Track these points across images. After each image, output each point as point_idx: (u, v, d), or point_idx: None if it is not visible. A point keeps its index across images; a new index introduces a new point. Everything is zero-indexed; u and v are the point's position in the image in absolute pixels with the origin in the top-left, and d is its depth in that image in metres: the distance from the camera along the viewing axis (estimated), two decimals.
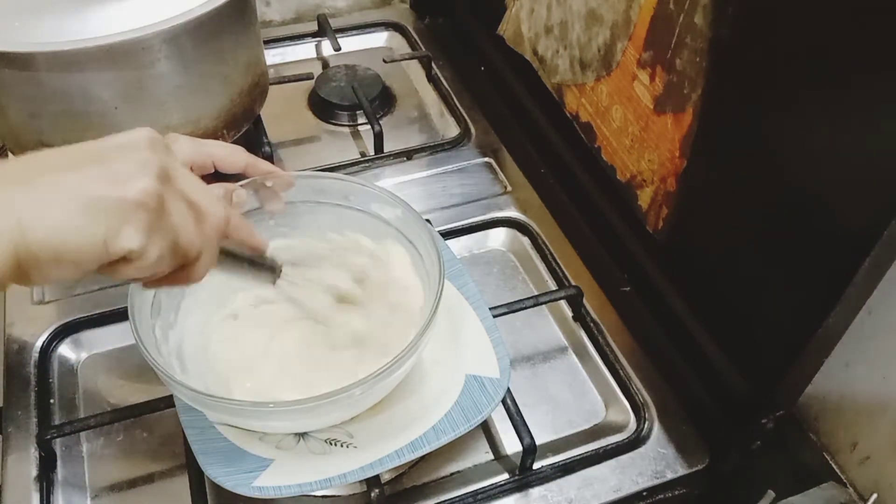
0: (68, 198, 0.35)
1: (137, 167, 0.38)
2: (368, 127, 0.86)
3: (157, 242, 0.39)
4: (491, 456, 0.61)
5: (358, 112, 0.91)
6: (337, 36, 0.98)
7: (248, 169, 0.55)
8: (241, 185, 0.55)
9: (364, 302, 0.59)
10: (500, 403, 0.57)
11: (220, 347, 0.57)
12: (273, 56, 0.98)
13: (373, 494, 0.55)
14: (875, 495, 0.54)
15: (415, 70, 0.99)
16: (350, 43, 1.02)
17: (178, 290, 0.58)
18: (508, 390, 0.58)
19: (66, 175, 0.36)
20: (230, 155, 0.54)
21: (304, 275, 0.57)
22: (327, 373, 0.55)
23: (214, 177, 0.54)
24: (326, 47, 1.00)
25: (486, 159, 0.86)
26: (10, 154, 0.77)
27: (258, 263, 0.51)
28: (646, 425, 0.63)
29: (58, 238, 0.35)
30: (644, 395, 0.65)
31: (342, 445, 0.53)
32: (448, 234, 0.76)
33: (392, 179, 0.83)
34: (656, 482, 0.60)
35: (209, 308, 0.60)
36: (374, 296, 0.59)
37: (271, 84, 0.82)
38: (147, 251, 0.38)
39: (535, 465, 0.60)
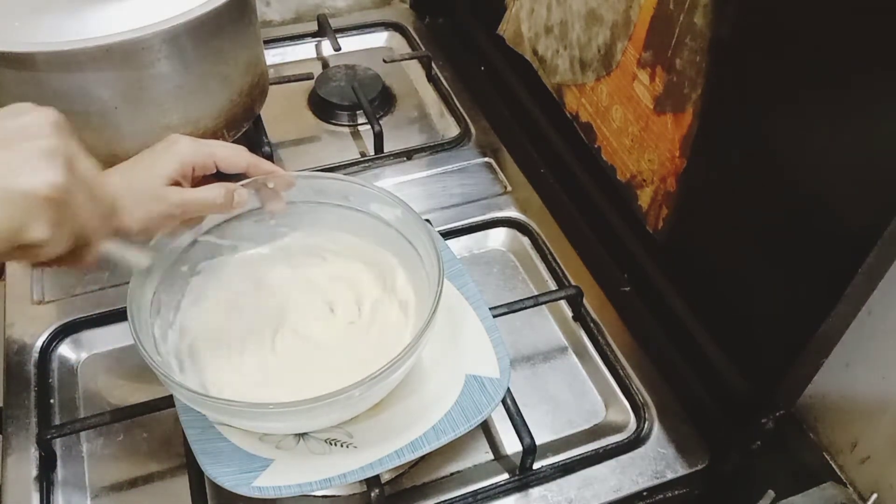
0: None
1: (44, 157, 0.38)
2: (368, 127, 0.86)
3: (64, 232, 0.39)
4: (491, 456, 0.61)
5: (358, 112, 0.91)
6: (337, 36, 0.98)
7: (250, 169, 0.55)
8: (242, 185, 0.55)
9: (362, 303, 0.59)
10: (500, 403, 0.57)
11: (217, 347, 0.57)
12: (273, 56, 0.98)
13: (373, 494, 0.55)
14: (875, 495, 0.54)
15: (415, 70, 0.99)
16: (350, 43, 1.02)
17: (177, 290, 0.58)
18: (508, 390, 0.58)
19: None
20: (232, 155, 0.54)
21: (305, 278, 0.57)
22: (323, 374, 0.55)
23: (216, 176, 0.55)
24: (326, 47, 1.00)
25: (486, 159, 0.86)
26: None
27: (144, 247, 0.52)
28: (646, 425, 0.63)
29: None
30: (644, 395, 0.65)
31: (342, 445, 0.53)
32: (448, 234, 0.76)
33: (392, 179, 0.83)
34: (656, 482, 0.60)
35: (210, 307, 0.60)
36: (372, 298, 0.59)
37: (271, 84, 0.82)
38: (52, 241, 0.39)
39: (535, 465, 0.60)
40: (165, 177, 0.52)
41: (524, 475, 0.59)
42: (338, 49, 0.97)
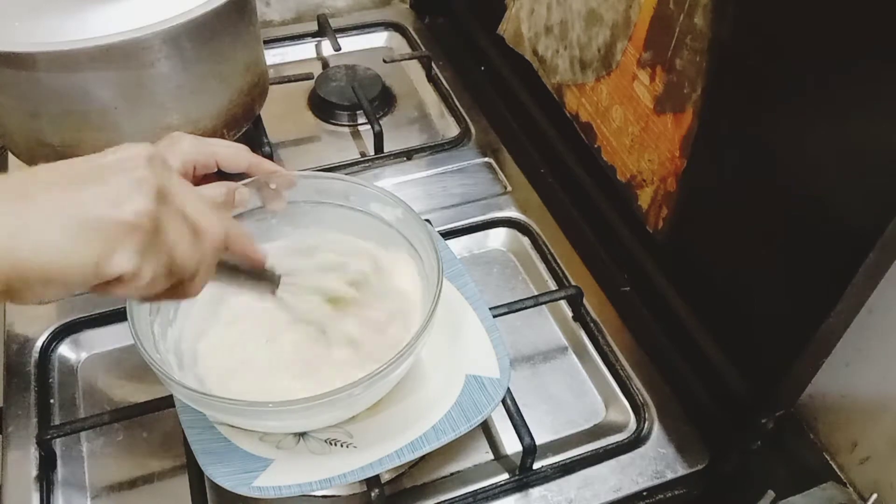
0: (60, 218, 0.35)
1: (133, 186, 0.37)
2: (368, 127, 0.86)
3: (152, 264, 0.38)
4: (491, 456, 0.61)
5: (358, 112, 0.91)
6: (337, 36, 0.98)
7: (252, 168, 0.55)
8: (244, 185, 0.55)
9: (360, 305, 0.59)
10: (500, 403, 0.57)
11: (217, 347, 0.57)
12: (273, 56, 0.98)
13: (373, 494, 0.55)
14: (875, 495, 0.54)
15: (415, 70, 0.99)
16: (350, 43, 1.02)
17: None
18: (508, 390, 0.58)
19: (61, 193, 0.35)
20: (234, 154, 0.54)
21: (303, 281, 0.56)
22: (323, 373, 0.55)
23: (218, 175, 0.55)
24: (326, 47, 1.00)
25: (486, 159, 0.86)
26: (9, 154, 0.78)
27: (257, 275, 0.50)
28: (646, 425, 0.63)
29: (46, 258, 0.34)
30: (644, 395, 0.65)
31: (342, 445, 0.53)
32: (448, 234, 0.76)
33: (392, 179, 0.83)
34: (656, 482, 0.60)
35: (209, 306, 0.60)
36: (370, 301, 0.59)
37: (271, 84, 0.82)
38: (141, 273, 0.37)
39: (535, 465, 0.60)
40: None
41: (524, 475, 0.59)
42: (338, 49, 0.97)
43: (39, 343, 0.66)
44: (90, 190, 0.36)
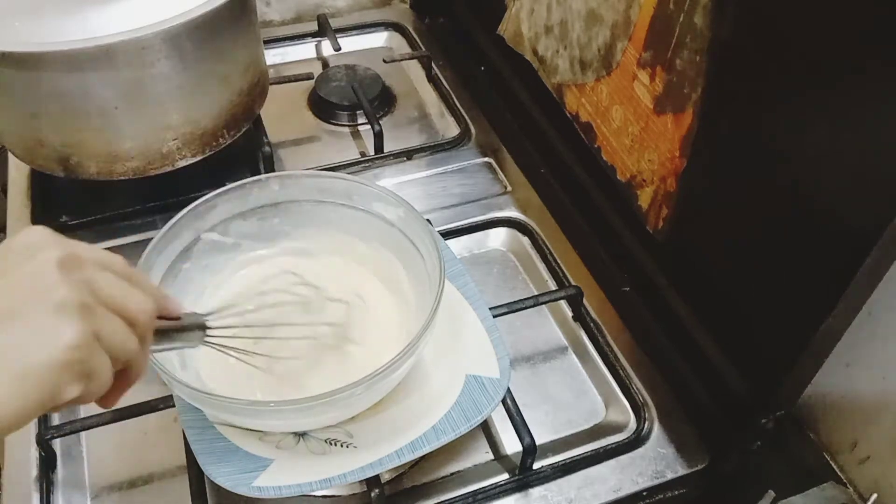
0: None
1: (57, 317, 0.35)
2: (368, 127, 0.86)
3: (98, 374, 0.37)
4: (491, 456, 0.61)
5: (358, 112, 0.91)
6: (337, 36, 0.98)
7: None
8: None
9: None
10: (500, 403, 0.57)
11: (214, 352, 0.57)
12: (273, 56, 0.98)
13: (373, 494, 0.55)
14: (875, 495, 0.54)
15: (415, 70, 0.99)
16: (350, 43, 1.02)
17: (179, 287, 0.58)
18: (508, 390, 0.58)
19: None
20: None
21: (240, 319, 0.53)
22: (323, 373, 0.56)
23: None
24: (326, 47, 1.00)
25: (486, 159, 0.86)
26: (9, 154, 0.78)
27: (185, 327, 0.47)
28: (646, 425, 0.63)
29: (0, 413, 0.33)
30: (644, 395, 0.65)
31: (342, 445, 0.53)
32: (448, 234, 0.76)
33: (392, 179, 0.83)
34: (656, 482, 0.60)
35: (210, 304, 0.60)
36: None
37: (271, 84, 0.82)
38: (91, 388, 0.37)
39: (535, 465, 0.60)
40: None
41: (524, 475, 0.59)
42: (338, 49, 0.97)
43: None
44: (13, 333, 0.34)
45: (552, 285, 0.73)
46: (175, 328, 0.46)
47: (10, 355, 0.34)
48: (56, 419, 0.63)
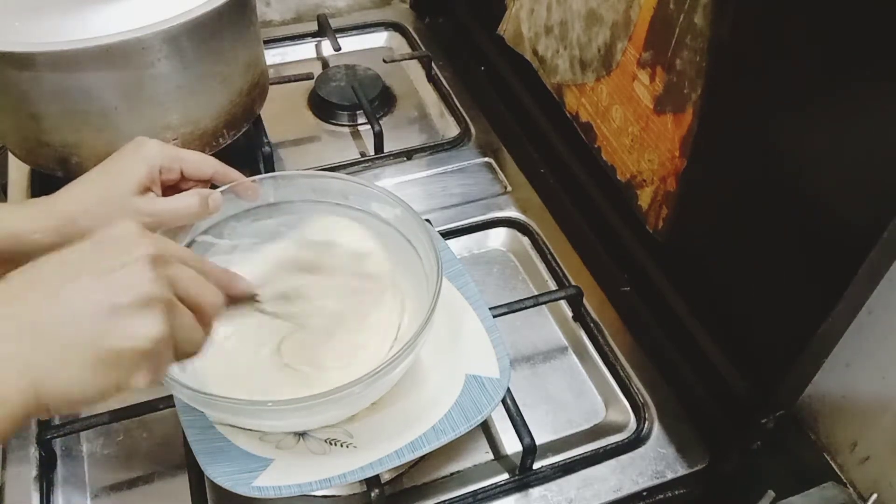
0: (77, 353, 0.36)
1: (145, 311, 0.37)
2: (368, 127, 0.86)
3: (164, 367, 0.40)
4: (491, 456, 0.61)
5: (358, 112, 0.91)
6: (337, 36, 0.98)
7: (216, 176, 0.56)
8: (220, 191, 0.56)
9: (327, 275, 0.59)
10: (500, 403, 0.57)
11: (216, 350, 0.57)
12: (273, 56, 0.98)
13: (373, 494, 0.55)
14: (875, 495, 0.54)
15: (415, 70, 0.99)
16: (350, 43, 1.02)
17: None
18: (508, 390, 0.58)
19: (74, 324, 0.36)
20: (199, 161, 0.55)
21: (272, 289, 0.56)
22: (321, 373, 0.56)
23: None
24: (326, 47, 1.00)
25: (486, 159, 0.86)
26: (9, 154, 0.78)
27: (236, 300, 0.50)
28: (646, 425, 0.63)
29: (70, 392, 0.36)
30: (644, 395, 0.65)
31: (342, 445, 0.53)
32: (448, 234, 0.76)
33: (392, 179, 0.83)
34: (656, 482, 0.60)
35: None
36: (336, 271, 0.60)
37: (271, 84, 0.82)
38: (155, 378, 0.39)
39: (535, 465, 0.60)
40: (136, 183, 0.52)
41: (524, 475, 0.59)
42: (338, 49, 0.97)
43: None
44: (100, 320, 0.36)
45: (552, 285, 0.73)
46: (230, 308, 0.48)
47: (91, 342, 0.36)
48: (56, 419, 0.63)
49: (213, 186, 0.57)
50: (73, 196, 0.52)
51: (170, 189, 0.55)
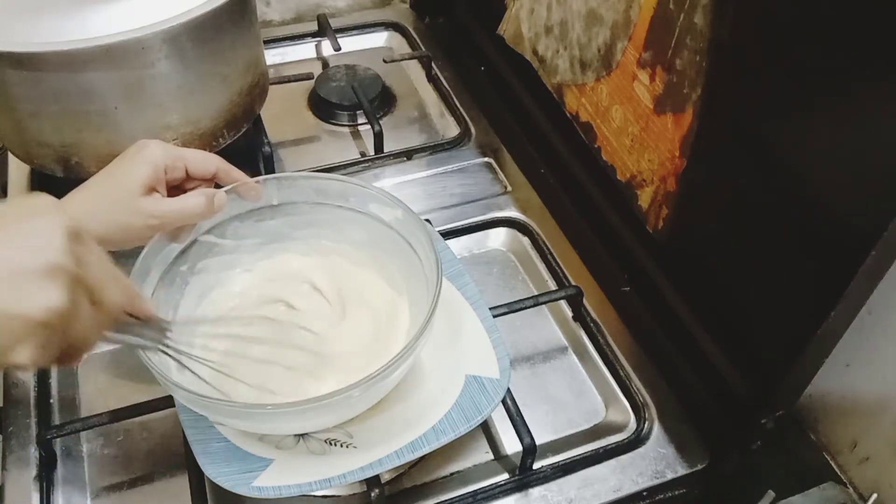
0: None
1: (47, 277, 0.35)
2: (368, 127, 0.86)
3: (50, 352, 0.37)
4: (491, 456, 0.61)
5: (358, 112, 0.91)
6: (337, 36, 0.98)
7: (220, 175, 0.56)
8: (225, 191, 0.56)
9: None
10: (500, 403, 0.57)
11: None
12: (273, 56, 0.98)
13: (373, 494, 0.55)
14: (875, 495, 0.54)
15: (415, 70, 0.99)
16: (350, 43, 1.02)
17: (176, 289, 0.58)
18: (508, 390, 0.58)
19: None
20: (202, 159, 0.54)
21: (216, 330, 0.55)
22: (321, 375, 0.56)
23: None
24: (326, 47, 1.00)
25: (486, 159, 0.86)
26: (9, 154, 0.78)
27: (143, 328, 0.48)
28: (646, 425, 0.63)
29: None
30: (644, 395, 0.65)
31: (342, 446, 0.53)
32: (448, 234, 0.76)
33: (392, 179, 0.83)
34: (656, 482, 0.60)
35: (208, 306, 0.60)
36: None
37: (271, 84, 0.82)
38: (35, 360, 0.36)
39: (535, 465, 0.60)
40: (140, 185, 0.51)
41: (524, 475, 0.59)
42: (338, 49, 0.97)
43: None
44: (1, 274, 0.34)
45: (552, 285, 0.73)
46: (133, 325, 0.46)
47: None
48: (56, 419, 0.63)
49: (217, 186, 0.57)
50: (78, 201, 0.51)
51: (174, 190, 0.55)
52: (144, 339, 0.47)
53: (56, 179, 0.72)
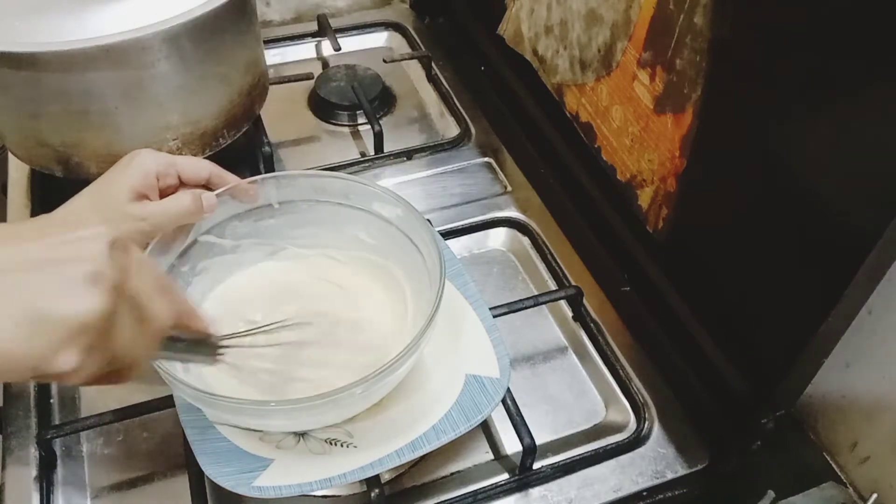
0: (14, 307, 0.34)
1: (89, 281, 0.36)
2: (368, 127, 0.86)
3: (95, 361, 0.37)
4: (491, 456, 0.61)
5: (358, 112, 0.91)
6: (337, 36, 0.98)
7: (213, 179, 0.56)
8: (217, 195, 0.56)
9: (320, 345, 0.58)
10: (500, 403, 0.57)
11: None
12: (273, 56, 0.98)
13: (373, 494, 0.55)
14: (875, 495, 0.54)
15: (415, 70, 0.99)
16: (350, 43, 1.02)
17: (182, 284, 0.58)
18: (508, 390, 0.58)
19: (13, 279, 0.34)
20: (194, 164, 0.55)
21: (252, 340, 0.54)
22: (322, 373, 0.56)
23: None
24: (326, 47, 1.00)
25: (486, 159, 0.86)
26: (9, 154, 0.78)
27: (198, 343, 0.48)
28: (646, 425, 0.63)
29: None
30: (644, 395, 0.65)
31: (342, 445, 0.53)
32: (448, 234, 0.76)
33: (392, 179, 0.83)
34: (656, 482, 0.60)
35: (209, 306, 0.60)
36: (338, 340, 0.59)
37: (271, 84, 0.82)
38: (81, 370, 0.37)
39: (535, 465, 0.60)
40: (129, 190, 0.52)
41: (524, 475, 0.59)
42: (338, 49, 0.97)
43: None
44: (45, 279, 0.35)
45: (552, 285, 0.73)
46: (185, 339, 0.46)
47: (28, 299, 0.34)
48: (56, 419, 0.63)
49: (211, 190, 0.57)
50: (70, 210, 0.52)
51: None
52: (195, 359, 0.47)
53: (56, 179, 0.72)
